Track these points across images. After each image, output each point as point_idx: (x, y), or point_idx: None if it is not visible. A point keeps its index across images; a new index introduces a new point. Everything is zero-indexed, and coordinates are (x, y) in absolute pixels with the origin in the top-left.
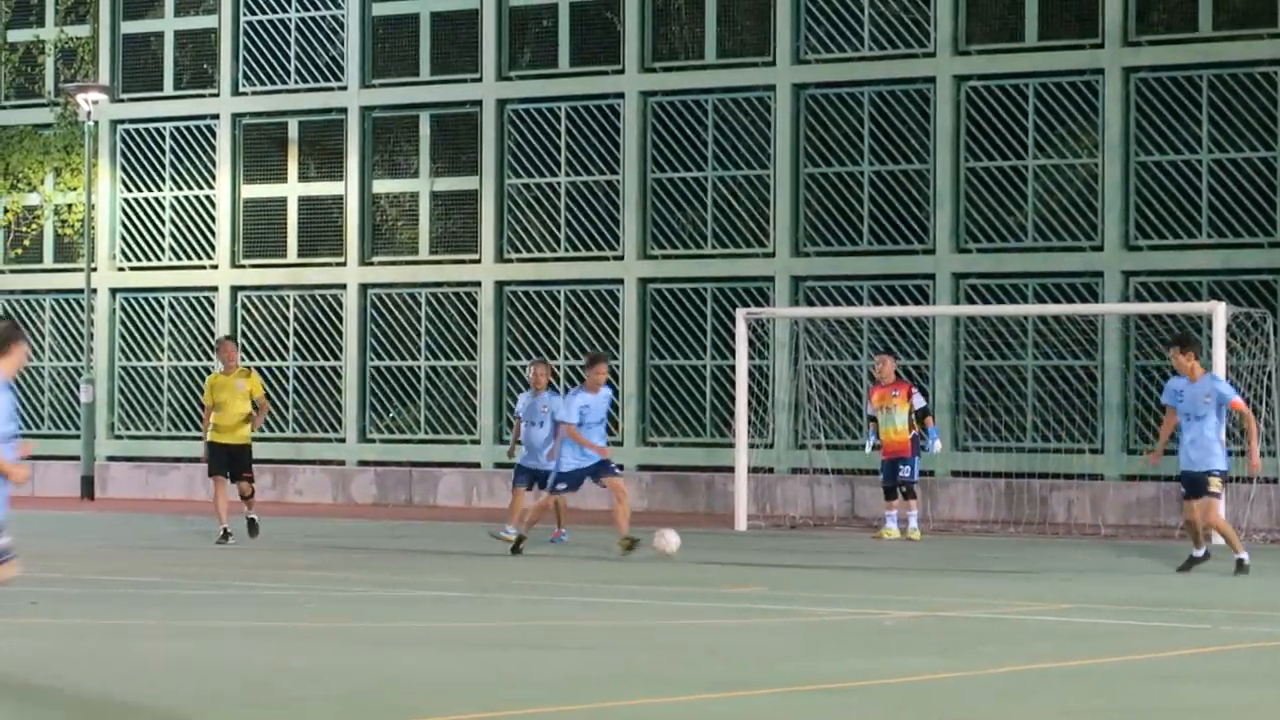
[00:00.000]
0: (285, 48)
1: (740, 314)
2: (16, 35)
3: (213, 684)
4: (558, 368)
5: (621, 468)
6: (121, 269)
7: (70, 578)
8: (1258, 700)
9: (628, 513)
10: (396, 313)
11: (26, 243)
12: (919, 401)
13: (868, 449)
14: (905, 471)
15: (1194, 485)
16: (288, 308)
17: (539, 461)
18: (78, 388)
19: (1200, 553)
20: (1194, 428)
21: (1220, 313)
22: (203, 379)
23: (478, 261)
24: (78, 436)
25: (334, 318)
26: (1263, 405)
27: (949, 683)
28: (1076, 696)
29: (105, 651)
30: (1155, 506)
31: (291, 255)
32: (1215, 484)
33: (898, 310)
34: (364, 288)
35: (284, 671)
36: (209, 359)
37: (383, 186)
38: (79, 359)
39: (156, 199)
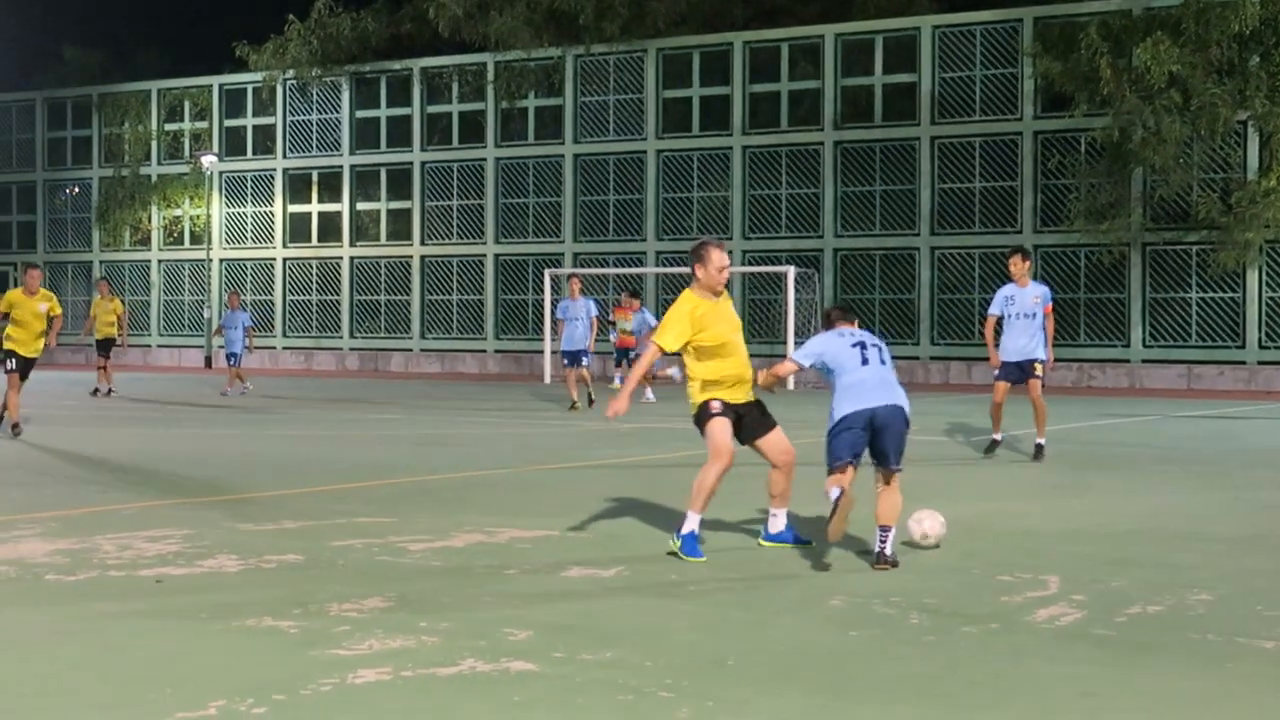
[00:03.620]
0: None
1: (548, 273)
2: (171, 126)
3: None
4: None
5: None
6: (225, 248)
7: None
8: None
9: None
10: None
11: (175, 235)
12: None
13: None
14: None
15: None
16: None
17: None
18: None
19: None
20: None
21: (791, 273)
22: (262, 311)
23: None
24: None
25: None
26: (810, 328)
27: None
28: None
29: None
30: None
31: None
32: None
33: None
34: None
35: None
36: (270, 295)
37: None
38: (204, 297)
39: (242, 213)
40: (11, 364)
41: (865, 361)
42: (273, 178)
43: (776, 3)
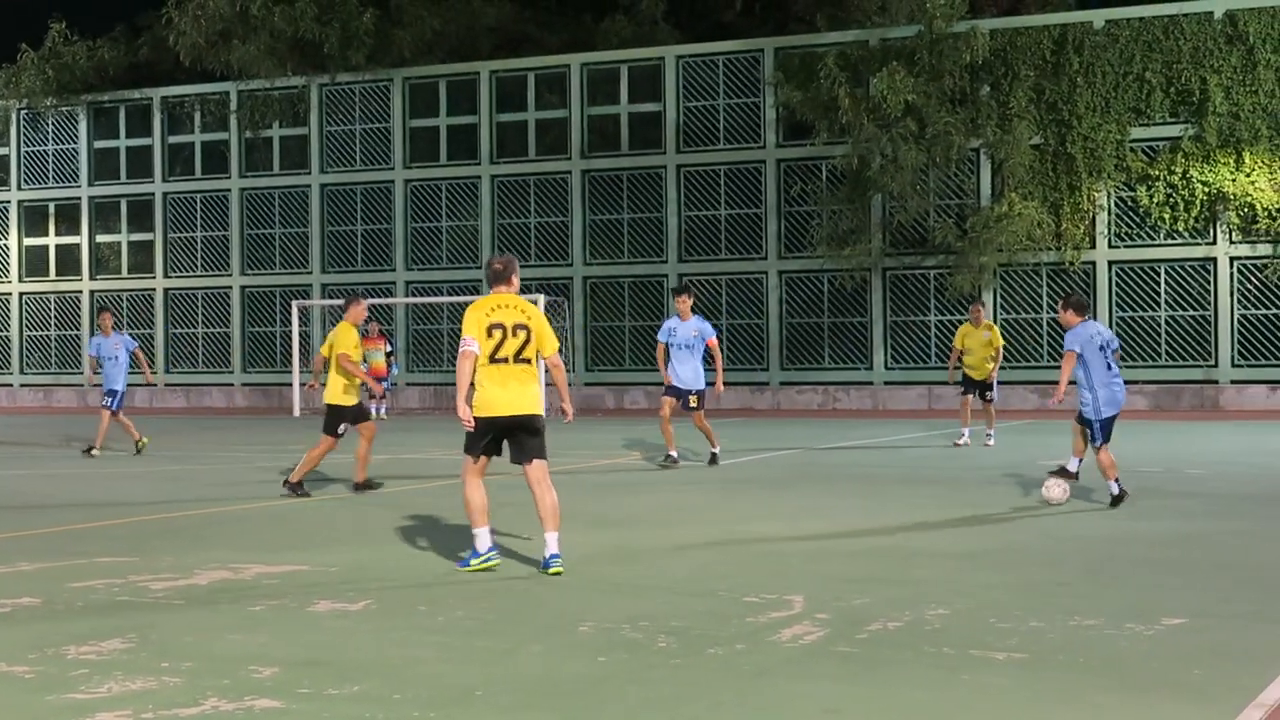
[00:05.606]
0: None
1: (295, 305)
2: None
3: None
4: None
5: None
6: None
7: None
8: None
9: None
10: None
11: None
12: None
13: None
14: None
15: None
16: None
17: None
18: None
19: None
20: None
21: (541, 301)
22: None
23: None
24: None
25: None
26: (561, 353)
27: None
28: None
29: None
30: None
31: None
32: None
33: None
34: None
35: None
36: (6, 331)
37: None
38: None
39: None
40: (343, 429)
41: (1109, 367)
42: (7, 210)
43: (522, 32)
